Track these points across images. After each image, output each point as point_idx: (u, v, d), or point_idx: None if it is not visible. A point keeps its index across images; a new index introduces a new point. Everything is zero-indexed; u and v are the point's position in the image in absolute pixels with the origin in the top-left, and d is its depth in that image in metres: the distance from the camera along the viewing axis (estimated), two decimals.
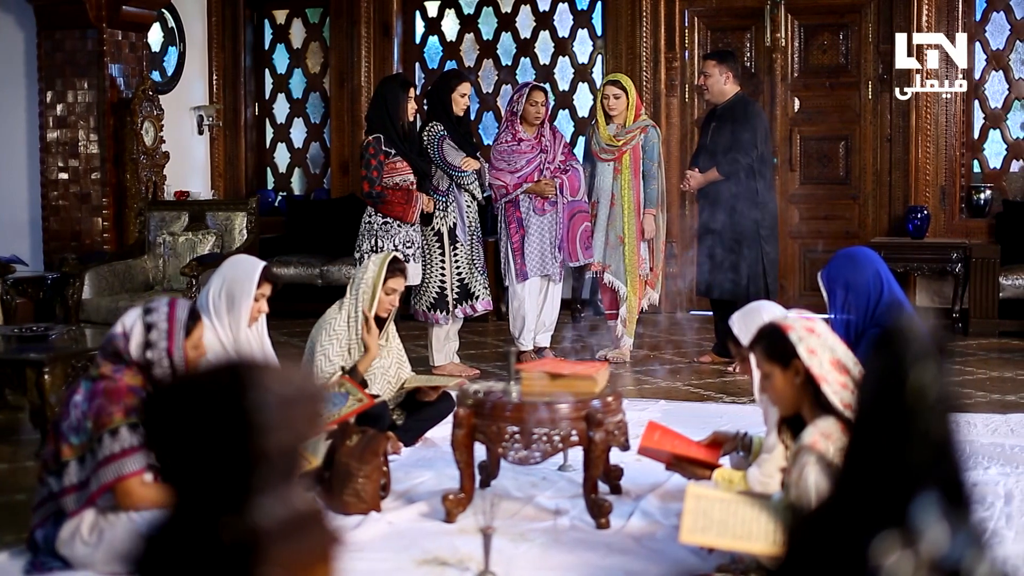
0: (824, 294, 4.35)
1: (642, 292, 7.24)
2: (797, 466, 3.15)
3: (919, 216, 8.53)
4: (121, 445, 3.41)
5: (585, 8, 9.64)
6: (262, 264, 4.43)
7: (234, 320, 4.30)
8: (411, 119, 6.66)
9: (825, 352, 3.26)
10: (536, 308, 7.11)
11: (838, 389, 3.21)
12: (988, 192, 8.72)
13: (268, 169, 10.44)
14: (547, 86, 8.24)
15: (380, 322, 5.04)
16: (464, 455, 4.11)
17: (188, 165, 9.74)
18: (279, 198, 10.23)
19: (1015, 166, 8.93)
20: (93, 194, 8.52)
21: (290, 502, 1.02)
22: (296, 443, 1.03)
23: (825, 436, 3.14)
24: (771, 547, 3.21)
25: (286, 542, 1.01)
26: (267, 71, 10.37)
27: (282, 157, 10.41)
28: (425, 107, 7.63)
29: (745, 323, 3.76)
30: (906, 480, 0.98)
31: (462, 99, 6.83)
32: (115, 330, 3.57)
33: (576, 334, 8.20)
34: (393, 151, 6.52)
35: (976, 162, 8.99)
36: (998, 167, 8.97)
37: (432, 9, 9.96)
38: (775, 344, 3.30)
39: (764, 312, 3.76)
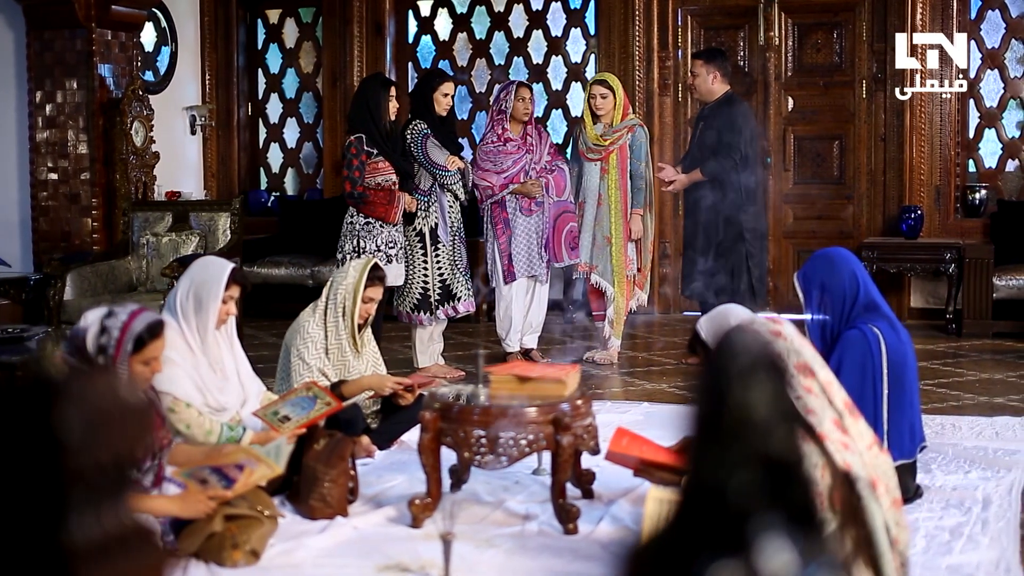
0: (800, 295, 4.30)
1: (630, 293, 7.18)
2: None
3: (913, 216, 8.46)
4: None
5: (578, 7, 9.58)
6: (231, 266, 4.39)
7: (202, 322, 4.26)
8: (392, 118, 6.60)
9: (791, 356, 3.20)
10: (523, 309, 7.05)
11: (802, 394, 3.15)
12: (983, 192, 8.64)
13: (261, 169, 10.40)
14: (533, 85, 8.17)
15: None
16: (430, 459, 4.07)
17: (181, 165, 9.71)
18: (272, 198, 10.18)
19: (1011, 165, 8.85)
20: (82, 194, 8.48)
21: (113, 520, 0.97)
22: (118, 459, 0.98)
23: None
24: None
25: (106, 562, 0.96)
26: (260, 71, 10.33)
27: (275, 157, 10.37)
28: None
29: (712, 327, 3.71)
30: (737, 504, 0.92)
31: (444, 99, 6.76)
32: (80, 324, 3.56)
33: (564, 335, 8.14)
34: (375, 151, 6.46)
35: (971, 161, 8.91)
36: (993, 166, 8.89)
37: (425, 8, 9.91)
38: None
39: (732, 316, 3.71)
